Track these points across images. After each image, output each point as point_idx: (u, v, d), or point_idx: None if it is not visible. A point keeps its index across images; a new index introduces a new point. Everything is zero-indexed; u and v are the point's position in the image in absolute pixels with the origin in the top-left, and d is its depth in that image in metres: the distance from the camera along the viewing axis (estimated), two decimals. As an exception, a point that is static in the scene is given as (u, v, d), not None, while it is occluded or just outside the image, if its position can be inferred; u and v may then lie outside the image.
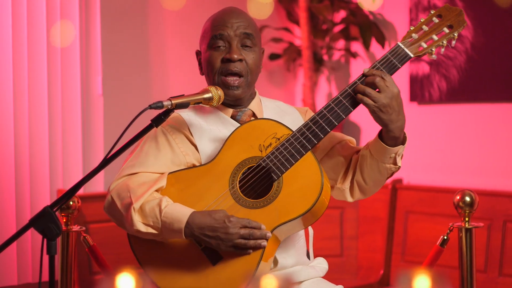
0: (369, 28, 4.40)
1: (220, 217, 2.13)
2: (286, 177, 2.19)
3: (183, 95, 2.15)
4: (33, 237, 3.76)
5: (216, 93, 2.21)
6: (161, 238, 2.19)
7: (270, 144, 2.23)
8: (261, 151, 2.23)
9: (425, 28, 2.26)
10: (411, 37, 2.25)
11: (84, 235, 2.86)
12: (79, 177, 3.92)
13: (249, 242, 2.12)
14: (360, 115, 4.61)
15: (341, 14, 4.63)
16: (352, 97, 2.20)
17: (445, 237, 2.77)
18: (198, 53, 2.47)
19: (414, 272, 0.83)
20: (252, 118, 2.40)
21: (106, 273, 2.87)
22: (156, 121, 2.08)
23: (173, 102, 2.08)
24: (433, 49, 2.24)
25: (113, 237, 3.82)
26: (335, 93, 4.79)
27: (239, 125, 2.33)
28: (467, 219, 2.73)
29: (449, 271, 3.53)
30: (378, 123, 2.20)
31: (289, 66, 4.87)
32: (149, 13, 4.31)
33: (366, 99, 2.16)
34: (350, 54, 4.61)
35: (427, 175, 4.30)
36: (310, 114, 2.50)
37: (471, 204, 2.72)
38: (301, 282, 2.35)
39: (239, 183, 2.22)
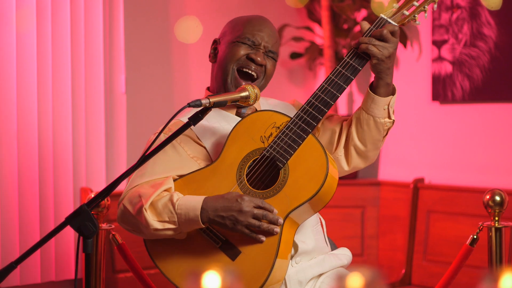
0: (391, 27, 4.38)
1: (232, 196, 2.16)
2: (291, 163, 2.21)
3: (220, 93, 2.16)
4: (56, 236, 3.76)
5: (253, 91, 2.21)
6: (179, 231, 2.21)
7: (271, 134, 2.26)
8: (263, 142, 2.26)
9: None
10: (393, 7, 2.27)
11: (113, 233, 2.87)
12: (102, 175, 3.93)
13: (263, 224, 2.14)
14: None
15: (363, 13, 4.62)
16: (343, 75, 2.25)
17: (475, 236, 2.77)
18: (216, 42, 2.51)
19: (499, 272, 0.82)
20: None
21: (134, 271, 2.88)
22: (194, 119, 2.08)
23: (211, 100, 2.08)
24: (416, 16, 2.27)
25: (134, 235, 3.82)
26: (355, 92, 4.79)
27: (240, 118, 2.37)
28: (497, 218, 2.72)
29: (469, 270, 3.51)
30: (376, 72, 2.25)
31: (310, 65, 4.87)
32: (172, 12, 4.32)
33: (372, 47, 2.20)
34: (371, 53, 4.60)
35: (449, 175, 4.29)
36: (299, 105, 2.51)
37: (501, 203, 2.71)
38: (324, 273, 2.38)
39: (246, 177, 2.25)
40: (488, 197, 2.72)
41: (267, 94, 2.94)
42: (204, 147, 2.37)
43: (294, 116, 2.26)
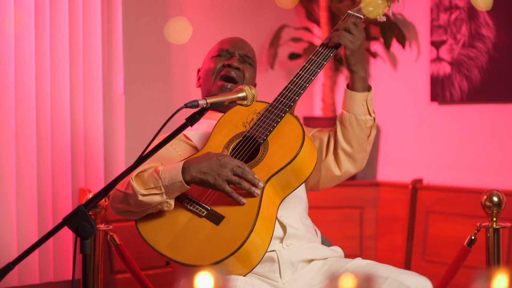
0: (390, 28, 4.39)
1: (212, 155, 2.29)
2: (270, 138, 2.38)
3: (217, 94, 2.20)
4: (55, 236, 3.76)
5: (250, 92, 2.23)
6: (165, 198, 2.29)
7: (252, 119, 2.43)
8: (245, 127, 2.44)
9: None
10: (359, 5, 2.52)
11: (111, 234, 2.87)
12: (101, 176, 3.93)
13: (244, 182, 2.24)
14: (380, 116, 4.60)
15: (361, 14, 4.62)
16: (316, 62, 2.48)
17: (473, 237, 2.77)
18: (199, 70, 2.75)
19: (492, 272, 0.82)
20: None
21: (132, 272, 2.88)
22: (191, 120, 2.09)
23: (208, 101, 2.11)
24: (379, 11, 2.53)
25: (134, 235, 3.82)
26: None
27: None
28: (494, 219, 2.72)
29: (467, 271, 3.52)
30: (349, 65, 2.48)
31: (308, 66, 4.87)
32: (171, 12, 4.32)
33: (344, 38, 2.43)
34: (370, 54, 4.61)
35: (447, 175, 4.29)
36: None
37: (498, 204, 2.71)
38: (312, 260, 2.43)
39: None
40: (485, 197, 2.72)
41: (266, 95, 2.95)
42: (194, 146, 2.53)
43: (273, 101, 2.43)
